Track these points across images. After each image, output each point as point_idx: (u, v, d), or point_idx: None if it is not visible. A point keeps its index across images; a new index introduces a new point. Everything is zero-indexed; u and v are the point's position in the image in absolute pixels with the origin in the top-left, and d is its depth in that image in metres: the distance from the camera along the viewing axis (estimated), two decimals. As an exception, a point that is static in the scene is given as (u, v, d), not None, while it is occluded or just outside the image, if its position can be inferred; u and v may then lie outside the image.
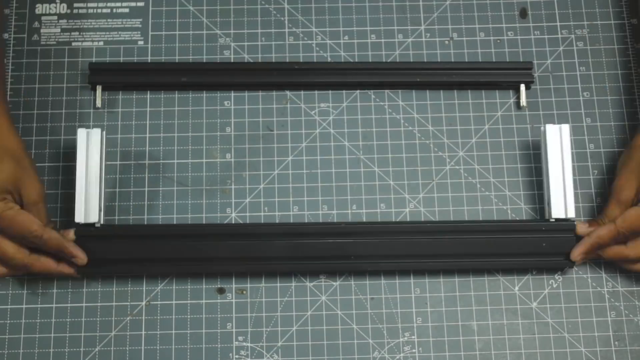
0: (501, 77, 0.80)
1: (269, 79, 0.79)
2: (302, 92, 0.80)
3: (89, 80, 0.79)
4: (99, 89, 0.78)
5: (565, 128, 0.75)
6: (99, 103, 0.78)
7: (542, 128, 0.75)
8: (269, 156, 0.79)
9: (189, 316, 0.74)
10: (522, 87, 0.79)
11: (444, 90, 0.80)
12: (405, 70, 0.80)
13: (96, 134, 0.74)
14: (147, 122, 0.79)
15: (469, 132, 0.79)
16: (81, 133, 0.74)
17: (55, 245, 0.70)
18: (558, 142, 0.74)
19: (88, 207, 0.73)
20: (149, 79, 0.79)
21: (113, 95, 0.80)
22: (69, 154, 0.77)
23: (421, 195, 0.77)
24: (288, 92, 0.80)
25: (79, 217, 0.72)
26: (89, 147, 0.74)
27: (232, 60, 0.81)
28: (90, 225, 0.73)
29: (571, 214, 0.73)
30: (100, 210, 0.73)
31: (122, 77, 0.79)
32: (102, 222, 0.73)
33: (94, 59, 0.81)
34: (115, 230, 0.74)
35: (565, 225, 0.73)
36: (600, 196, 0.77)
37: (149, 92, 0.80)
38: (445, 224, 0.75)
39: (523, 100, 0.79)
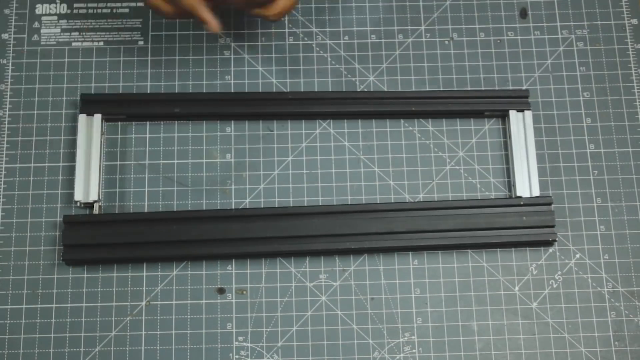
0: (496, 105, 0.79)
1: (265, 110, 0.79)
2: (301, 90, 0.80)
3: (80, 111, 0.77)
4: (97, 117, 0.77)
5: (528, 114, 0.77)
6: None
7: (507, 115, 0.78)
8: (269, 156, 0.79)
9: (189, 316, 0.74)
10: (512, 113, 0.78)
11: (445, 118, 0.80)
12: (399, 100, 0.79)
13: (97, 118, 0.76)
14: (147, 123, 0.79)
15: (469, 132, 0.79)
16: (82, 118, 0.76)
17: (188, 5, 0.69)
18: (522, 126, 0.77)
19: (88, 186, 0.75)
20: (148, 110, 0.79)
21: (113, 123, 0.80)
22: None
23: (421, 195, 0.77)
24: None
25: (79, 195, 0.74)
26: (89, 129, 0.76)
27: (232, 59, 0.81)
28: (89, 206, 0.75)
29: (535, 193, 0.75)
30: (99, 188, 0.75)
31: (122, 108, 0.78)
32: (101, 199, 0.76)
33: (94, 59, 0.81)
34: (102, 217, 0.75)
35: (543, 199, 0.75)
36: (600, 196, 0.78)
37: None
38: (435, 202, 0.76)
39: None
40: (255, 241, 0.74)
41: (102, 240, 0.73)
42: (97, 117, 0.77)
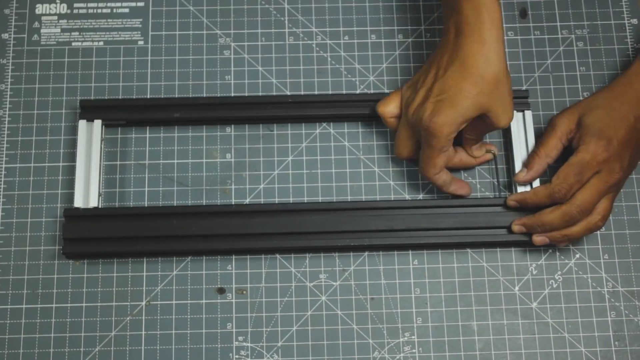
0: None
1: (264, 113, 0.78)
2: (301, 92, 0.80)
3: (80, 117, 0.77)
4: (97, 123, 0.76)
5: (528, 114, 0.77)
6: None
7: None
8: (269, 156, 0.79)
9: (189, 316, 0.74)
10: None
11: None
12: None
13: (97, 124, 0.76)
14: (147, 127, 0.79)
15: (469, 132, 0.79)
16: (82, 124, 0.76)
17: (441, 185, 0.75)
18: (522, 126, 0.77)
19: (87, 192, 0.74)
20: (148, 115, 0.78)
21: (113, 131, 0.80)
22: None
23: (421, 195, 0.77)
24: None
25: (78, 202, 0.74)
26: (89, 136, 0.76)
27: (232, 59, 0.81)
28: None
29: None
30: (99, 195, 0.75)
31: (122, 113, 0.78)
32: (102, 194, 0.76)
33: (94, 59, 0.81)
34: (101, 211, 0.75)
35: None
36: (600, 196, 0.77)
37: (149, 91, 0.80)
38: (431, 201, 0.77)
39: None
40: (255, 237, 0.74)
41: (102, 234, 0.73)
42: (97, 123, 0.76)
